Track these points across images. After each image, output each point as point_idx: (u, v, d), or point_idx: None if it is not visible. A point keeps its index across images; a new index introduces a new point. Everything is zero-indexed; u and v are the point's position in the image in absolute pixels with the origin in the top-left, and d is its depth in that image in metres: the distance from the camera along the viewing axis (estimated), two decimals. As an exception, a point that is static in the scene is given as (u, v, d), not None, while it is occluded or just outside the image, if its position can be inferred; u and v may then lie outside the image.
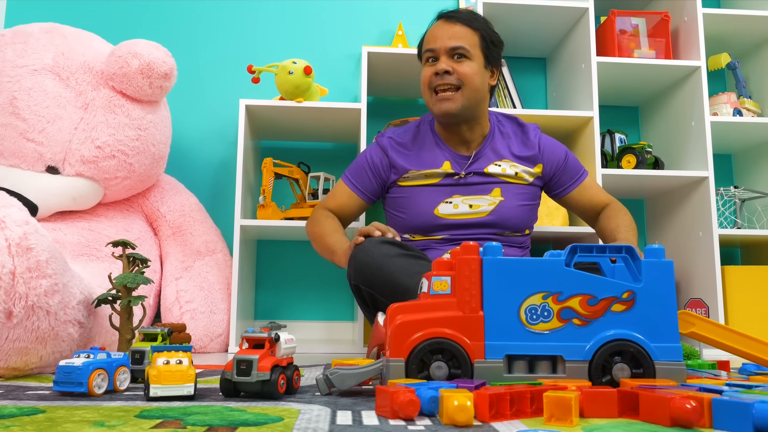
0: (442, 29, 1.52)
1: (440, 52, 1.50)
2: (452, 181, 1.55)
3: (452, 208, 1.53)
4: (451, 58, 1.50)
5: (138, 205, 1.97)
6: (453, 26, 1.51)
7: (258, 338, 0.89)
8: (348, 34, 2.39)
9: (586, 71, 2.08)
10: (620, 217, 1.53)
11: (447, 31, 1.51)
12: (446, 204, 1.53)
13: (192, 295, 1.85)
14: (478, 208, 1.53)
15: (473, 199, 1.53)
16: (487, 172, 1.55)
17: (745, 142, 2.32)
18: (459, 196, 1.54)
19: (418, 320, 0.89)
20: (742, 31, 2.26)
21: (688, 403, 0.66)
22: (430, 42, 1.53)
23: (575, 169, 1.62)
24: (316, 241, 1.60)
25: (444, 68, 1.48)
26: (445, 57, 1.50)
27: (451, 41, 1.50)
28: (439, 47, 1.50)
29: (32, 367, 1.16)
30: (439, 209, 1.53)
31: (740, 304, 2.01)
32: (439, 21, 1.55)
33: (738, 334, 1.06)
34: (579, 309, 0.90)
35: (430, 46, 1.52)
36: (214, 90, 2.32)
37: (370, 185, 1.61)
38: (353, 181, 1.62)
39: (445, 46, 1.50)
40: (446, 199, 1.54)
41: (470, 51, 1.50)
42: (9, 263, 1.05)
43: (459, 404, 0.67)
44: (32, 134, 1.70)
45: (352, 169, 1.63)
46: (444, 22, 1.53)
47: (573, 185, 1.61)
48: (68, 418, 0.72)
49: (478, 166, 1.55)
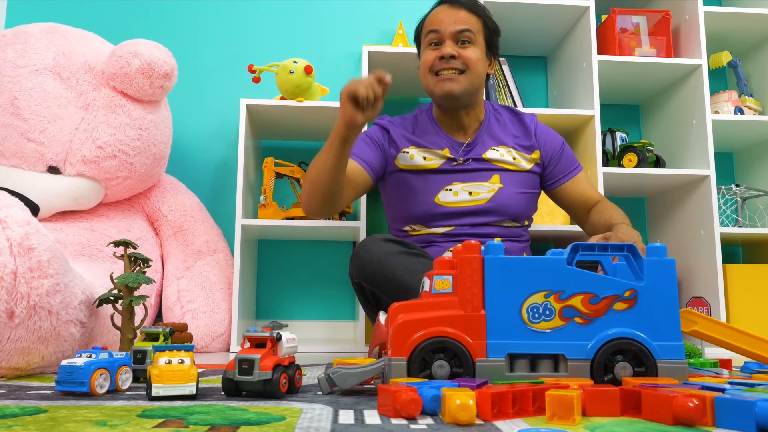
0: (447, 13, 1.51)
1: (445, 35, 1.49)
2: (451, 167, 1.54)
3: (452, 196, 1.52)
4: (456, 42, 1.49)
5: (139, 205, 1.97)
6: (458, 11, 1.50)
7: (260, 337, 0.89)
8: (348, 34, 2.39)
9: (587, 70, 2.08)
10: (612, 210, 1.50)
11: (452, 15, 1.50)
12: (446, 191, 1.53)
13: (193, 294, 1.85)
14: (477, 195, 1.52)
15: (473, 186, 1.53)
16: (486, 158, 1.55)
17: (746, 141, 2.31)
18: (458, 183, 1.53)
19: (419, 319, 0.89)
20: (743, 29, 2.26)
21: (691, 401, 0.66)
22: (434, 24, 1.51)
23: (570, 161, 1.62)
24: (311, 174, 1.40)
25: (450, 52, 1.47)
26: (451, 41, 1.49)
27: (458, 25, 1.49)
28: (444, 30, 1.49)
29: (34, 367, 1.16)
30: (439, 197, 1.53)
31: (742, 303, 2.01)
32: (442, 6, 1.54)
33: (740, 332, 1.06)
34: (581, 307, 0.90)
35: (434, 27, 1.51)
36: (215, 90, 2.32)
37: (371, 155, 1.56)
38: (354, 152, 1.54)
39: (451, 30, 1.48)
40: (446, 187, 1.53)
41: (475, 36, 1.50)
42: (11, 263, 1.05)
43: (461, 403, 0.67)
44: (33, 134, 1.70)
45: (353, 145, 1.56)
46: (448, 7, 1.52)
47: (566, 177, 1.60)
48: (70, 417, 0.72)
49: (477, 152, 1.55)
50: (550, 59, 2.45)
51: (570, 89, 2.23)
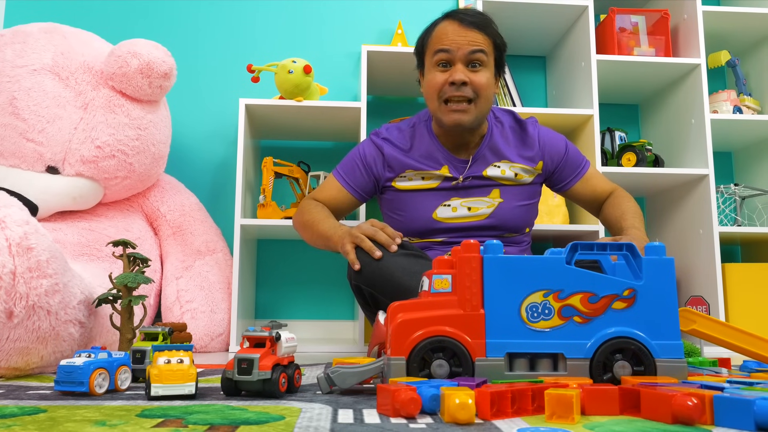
0: (458, 33, 1.43)
1: (457, 57, 1.42)
2: (450, 186, 1.52)
3: (451, 212, 1.51)
4: (467, 65, 1.43)
5: (138, 204, 1.97)
6: (469, 31, 1.43)
7: (259, 337, 0.89)
8: (347, 33, 2.39)
9: (586, 69, 2.08)
10: (625, 204, 1.49)
11: (463, 35, 1.42)
12: (444, 207, 1.51)
13: (192, 294, 1.85)
14: (477, 211, 1.51)
15: (472, 201, 1.51)
16: (486, 176, 1.52)
17: (745, 140, 2.32)
18: (457, 199, 1.52)
19: (419, 318, 0.89)
20: (741, 29, 2.26)
21: (690, 400, 0.66)
22: (444, 43, 1.44)
23: (577, 161, 1.59)
24: (307, 229, 1.52)
25: (462, 79, 1.41)
26: (462, 65, 1.43)
27: (470, 46, 1.42)
28: (455, 52, 1.42)
29: (33, 367, 1.16)
30: (437, 213, 1.51)
31: (741, 302, 2.01)
32: (452, 21, 1.45)
33: (739, 331, 1.06)
34: (580, 307, 0.90)
35: (444, 46, 1.43)
36: (214, 89, 2.32)
37: (361, 181, 1.56)
38: (343, 176, 1.57)
39: (462, 52, 1.42)
40: (444, 203, 1.52)
41: (486, 58, 1.44)
42: (9, 263, 1.05)
43: (460, 402, 0.67)
44: (32, 134, 1.70)
45: (344, 164, 1.59)
46: (459, 26, 1.44)
47: (576, 178, 1.58)
48: (70, 417, 0.72)
49: (477, 169, 1.52)
50: (549, 59, 2.45)
51: (569, 89, 2.23)
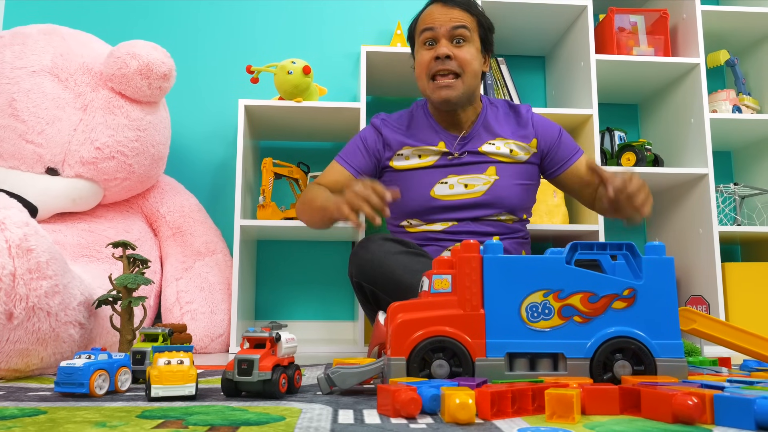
0: (441, 11, 1.50)
1: (440, 34, 1.48)
2: (447, 161, 1.54)
3: (448, 189, 1.52)
4: (451, 41, 1.49)
5: (138, 206, 1.97)
6: (451, 10, 1.50)
7: (259, 338, 0.89)
8: (347, 34, 2.39)
9: (585, 69, 2.08)
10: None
11: (446, 13, 1.49)
12: (442, 185, 1.53)
13: (192, 295, 1.85)
14: (473, 188, 1.52)
15: (468, 178, 1.53)
16: (482, 151, 1.54)
17: (744, 139, 2.32)
18: (454, 176, 1.53)
19: (419, 319, 0.89)
20: (740, 28, 2.26)
21: (690, 399, 0.66)
22: (428, 22, 1.50)
23: (569, 147, 1.60)
24: (306, 209, 1.49)
25: (445, 52, 1.46)
26: (446, 40, 1.48)
27: (452, 22, 1.48)
28: (439, 28, 1.48)
29: (33, 369, 1.15)
30: (435, 190, 1.53)
31: (741, 301, 2.01)
32: (435, 4, 1.53)
33: (739, 330, 1.06)
34: (580, 306, 0.90)
35: (428, 25, 1.50)
36: (213, 90, 2.32)
37: (362, 163, 1.59)
38: (345, 159, 1.60)
39: (446, 28, 1.48)
40: (442, 180, 1.53)
41: (470, 34, 1.49)
42: (9, 265, 1.05)
43: (461, 402, 0.67)
44: (31, 136, 1.70)
45: (345, 149, 1.62)
46: (441, 5, 1.51)
47: (567, 163, 1.59)
48: (70, 418, 0.72)
49: (472, 145, 1.55)
50: (548, 59, 2.45)
51: (568, 88, 2.23)
